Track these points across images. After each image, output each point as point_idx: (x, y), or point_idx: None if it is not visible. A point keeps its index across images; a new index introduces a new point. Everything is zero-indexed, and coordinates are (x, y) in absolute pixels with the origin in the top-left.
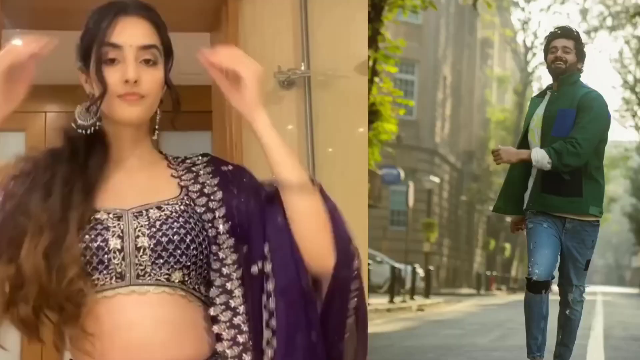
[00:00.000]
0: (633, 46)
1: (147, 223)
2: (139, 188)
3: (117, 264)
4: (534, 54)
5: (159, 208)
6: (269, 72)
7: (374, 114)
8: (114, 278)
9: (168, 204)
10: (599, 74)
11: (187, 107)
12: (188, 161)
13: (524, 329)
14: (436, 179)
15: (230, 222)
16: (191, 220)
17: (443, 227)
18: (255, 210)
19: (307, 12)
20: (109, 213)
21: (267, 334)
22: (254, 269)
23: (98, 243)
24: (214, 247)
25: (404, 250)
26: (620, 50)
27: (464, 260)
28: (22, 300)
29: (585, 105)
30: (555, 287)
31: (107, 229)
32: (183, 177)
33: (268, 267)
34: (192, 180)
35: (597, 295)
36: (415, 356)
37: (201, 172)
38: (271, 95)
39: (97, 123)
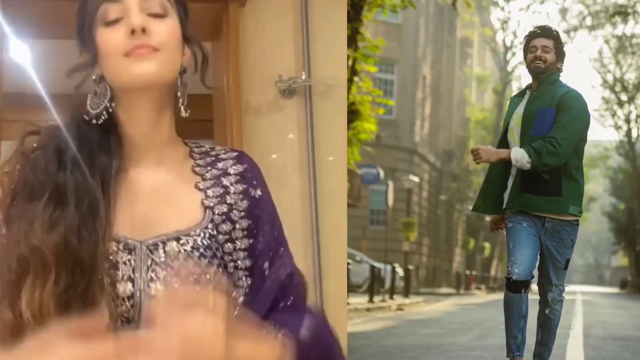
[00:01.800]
0: (612, 46)
1: (163, 262)
2: (156, 203)
3: (125, 311)
4: (514, 54)
5: (177, 240)
6: (269, 81)
7: (353, 114)
8: (119, 322)
9: (189, 235)
10: (579, 74)
11: (188, 115)
12: (220, 165)
13: (504, 329)
14: (415, 179)
15: (250, 260)
16: (214, 260)
17: (422, 227)
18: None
19: (307, 21)
20: (119, 243)
21: None
22: None
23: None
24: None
25: (384, 250)
26: (600, 49)
27: (444, 260)
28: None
29: (565, 105)
30: (534, 287)
31: (115, 267)
32: (209, 192)
33: None
34: (219, 199)
35: (577, 294)
36: (394, 355)
37: (231, 188)
38: (272, 104)
39: (109, 106)
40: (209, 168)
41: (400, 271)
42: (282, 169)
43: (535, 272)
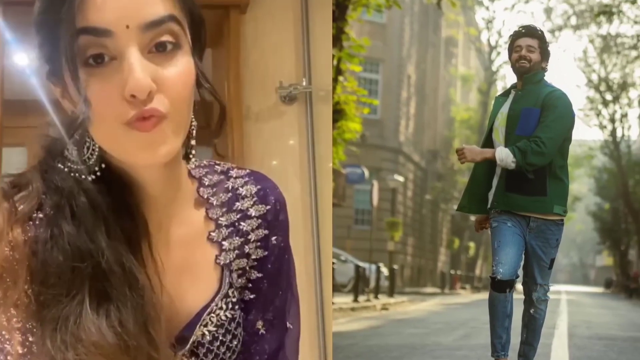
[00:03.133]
0: (597, 45)
1: (188, 351)
2: (174, 274)
3: None
4: (499, 53)
5: (201, 323)
6: (270, 87)
7: (338, 113)
8: None
9: (212, 313)
10: (564, 73)
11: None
12: (238, 204)
13: (488, 328)
14: (400, 178)
15: (244, 313)
16: (237, 329)
17: (407, 226)
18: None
19: (308, 28)
20: None
21: None
22: None
23: None
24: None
25: (368, 249)
26: (585, 49)
27: (428, 259)
28: None
29: (550, 104)
30: (519, 286)
31: None
32: (225, 244)
33: None
34: (237, 252)
35: (562, 294)
36: (379, 355)
37: (252, 236)
38: (273, 110)
39: (98, 169)
40: (224, 209)
41: (385, 271)
42: (282, 175)
43: (520, 272)
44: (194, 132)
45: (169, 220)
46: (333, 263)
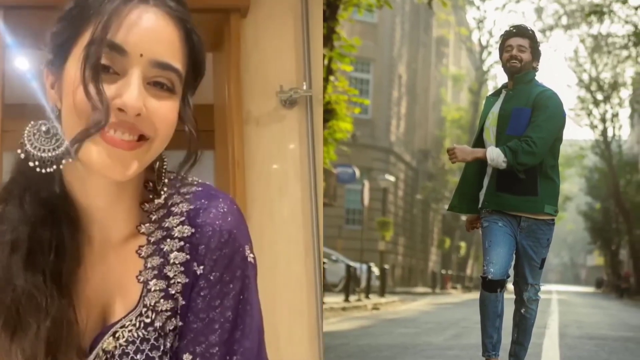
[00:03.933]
0: (588, 45)
1: None
2: (100, 286)
3: None
4: (490, 53)
5: (114, 336)
6: (270, 92)
7: (329, 113)
8: None
9: (124, 327)
10: (554, 73)
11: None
12: (167, 222)
13: (479, 328)
14: (391, 178)
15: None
16: (154, 352)
17: (398, 226)
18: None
19: (309, 32)
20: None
21: None
22: None
23: None
24: None
25: (359, 249)
26: (576, 49)
27: (419, 259)
28: None
29: (541, 104)
30: (510, 286)
31: None
32: (149, 262)
33: None
34: (157, 272)
35: (552, 294)
36: (370, 355)
37: (171, 257)
38: (273, 114)
39: (63, 160)
40: (156, 225)
41: (376, 270)
42: (283, 179)
43: (511, 272)
44: (165, 167)
45: (108, 234)
46: (324, 263)
